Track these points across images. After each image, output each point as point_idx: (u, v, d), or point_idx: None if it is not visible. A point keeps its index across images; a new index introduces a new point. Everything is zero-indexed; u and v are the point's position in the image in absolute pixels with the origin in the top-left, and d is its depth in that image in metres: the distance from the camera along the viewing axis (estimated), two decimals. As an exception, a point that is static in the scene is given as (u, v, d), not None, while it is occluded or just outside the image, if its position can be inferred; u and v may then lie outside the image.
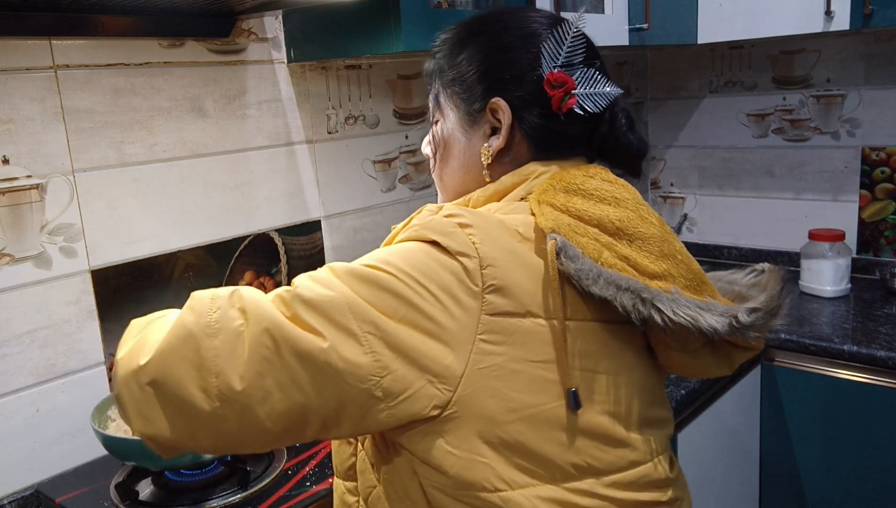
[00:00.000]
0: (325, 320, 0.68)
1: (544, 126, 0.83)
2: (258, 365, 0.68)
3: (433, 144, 0.92)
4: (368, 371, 0.68)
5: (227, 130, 1.52)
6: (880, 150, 2.13)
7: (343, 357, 0.68)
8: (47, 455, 1.31)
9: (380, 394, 0.69)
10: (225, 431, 0.70)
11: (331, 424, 0.71)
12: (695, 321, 0.72)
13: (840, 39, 2.14)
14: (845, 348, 1.71)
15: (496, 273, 0.71)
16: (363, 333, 0.68)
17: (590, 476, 0.75)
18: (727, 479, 1.84)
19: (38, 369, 1.29)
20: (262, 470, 1.23)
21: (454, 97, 0.87)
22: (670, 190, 2.59)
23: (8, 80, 1.22)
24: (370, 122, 1.80)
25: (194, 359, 0.69)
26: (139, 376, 0.71)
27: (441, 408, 0.70)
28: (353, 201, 1.79)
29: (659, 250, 0.76)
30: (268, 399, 0.68)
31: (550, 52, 0.83)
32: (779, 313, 0.76)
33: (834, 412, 1.79)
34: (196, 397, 0.68)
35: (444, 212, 0.75)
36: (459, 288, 0.70)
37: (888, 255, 2.16)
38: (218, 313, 0.70)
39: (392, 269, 0.71)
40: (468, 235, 0.72)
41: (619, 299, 0.72)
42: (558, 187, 0.78)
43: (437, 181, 0.93)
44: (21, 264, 1.25)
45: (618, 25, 1.82)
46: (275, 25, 1.58)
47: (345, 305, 0.69)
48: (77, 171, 1.31)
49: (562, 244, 0.72)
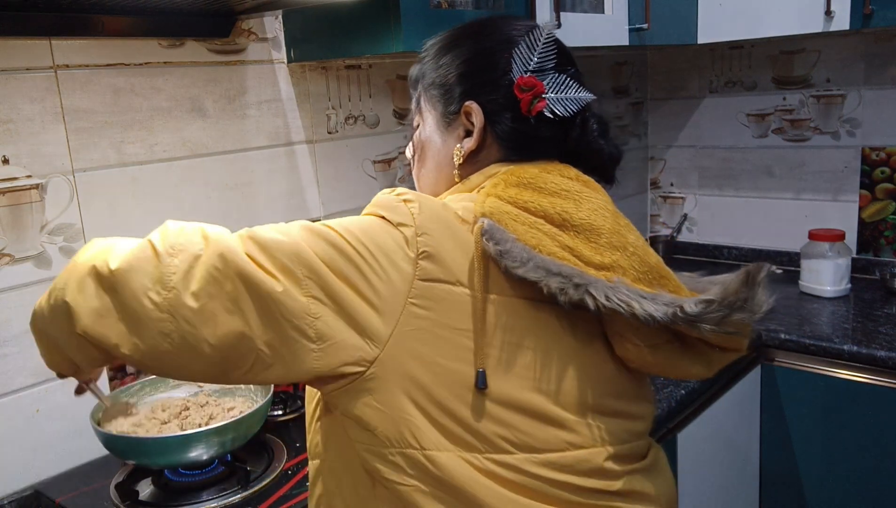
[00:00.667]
0: (272, 260, 0.74)
1: (515, 129, 0.86)
2: (209, 286, 0.74)
3: (413, 146, 0.96)
4: (304, 309, 0.73)
5: (227, 130, 1.52)
6: (880, 150, 2.13)
7: (285, 292, 0.73)
8: (47, 455, 1.31)
9: (312, 334, 0.74)
10: (167, 345, 0.76)
11: (265, 359, 0.75)
12: (629, 307, 0.74)
13: (840, 39, 2.14)
14: (845, 348, 1.71)
15: (430, 241, 0.76)
16: (303, 277, 0.74)
17: (522, 451, 0.77)
18: (727, 479, 1.84)
19: (38, 369, 1.29)
20: (262, 470, 1.23)
21: (433, 100, 0.91)
22: (670, 190, 2.59)
23: (8, 80, 1.22)
24: (370, 122, 1.80)
25: (153, 273, 0.76)
26: (103, 278, 0.78)
27: (368, 363, 0.74)
28: (353, 201, 1.79)
29: (608, 241, 0.78)
30: (213, 319, 0.74)
31: (522, 56, 0.86)
32: (745, 308, 0.74)
33: (834, 412, 1.79)
34: (148, 307, 0.75)
35: (395, 192, 0.81)
36: (399, 254, 0.75)
37: (888, 255, 2.16)
38: (183, 238, 0.78)
39: (343, 231, 0.77)
40: (409, 207, 0.78)
41: (545, 281, 0.74)
42: (510, 182, 0.81)
43: (416, 182, 0.97)
44: (21, 264, 1.25)
45: (618, 25, 1.82)
46: (275, 25, 1.58)
47: (293, 250, 0.75)
48: (77, 171, 1.31)
49: (489, 227, 0.76)
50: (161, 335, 0.75)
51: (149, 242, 0.79)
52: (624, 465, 0.82)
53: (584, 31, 1.72)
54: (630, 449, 0.84)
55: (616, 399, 0.83)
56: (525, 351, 0.77)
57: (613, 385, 0.83)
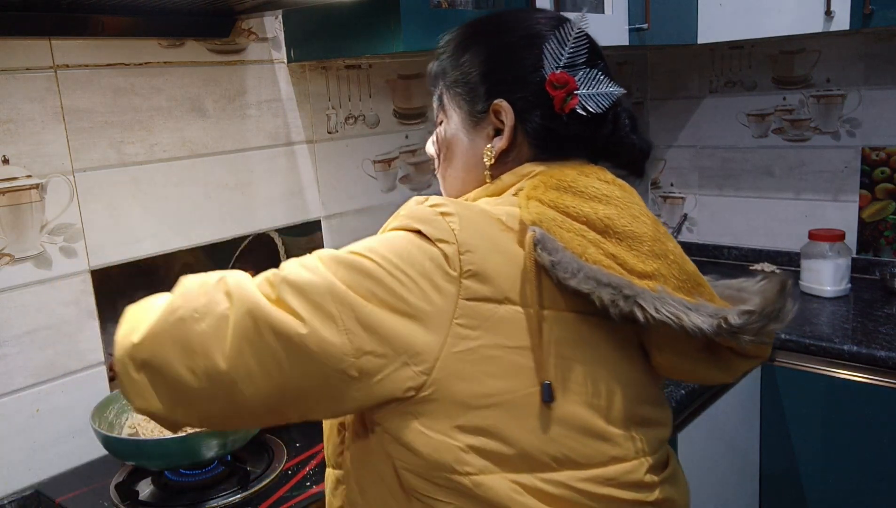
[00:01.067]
0: (305, 301, 0.71)
1: (546, 127, 0.83)
2: (241, 345, 0.71)
3: (437, 146, 0.93)
4: (344, 351, 0.70)
5: (227, 130, 1.52)
6: (880, 150, 2.13)
7: (320, 338, 0.70)
8: (47, 455, 1.31)
9: (355, 373, 0.71)
10: (214, 408, 0.74)
11: (312, 403, 0.74)
12: (678, 320, 0.73)
13: (840, 39, 2.14)
14: (845, 348, 1.71)
15: (474, 259, 0.73)
16: (339, 314, 0.71)
17: (567, 468, 0.75)
18: (727, 479, 1.84)
19: (38, 369, 1.29)
20: (262, 470, 1.23)
21: (457, 98, 0.88)
22: (670, 190, 2.59)
23: (8, 80, 1.22)
24: (370, 122, 1.80)
25: (182, 341, 0.73)
26: (134, 358, 0.75)
27: (416, 390, 0.72)
28: (353, 201, 1.79)
29: (650, 249, 0.76)
30: (251, 378, 0.72)
31: (553, 52, 0.83)
32: (779, 318, 0.75)
33: (834, 412, 1.79)
34: (185, 376, 0.73)
35: (429, 202, 0.77)
36: (438, 274, 0.72)
37: (888, 255, 2.16)
38: (205, 298, 0.74)
39: (373, 255, 0.73)
40: (448, 222, 0.74)
41: (597, 293, 0.73)
42: (549, 184, 0.79)
43: (441, 182, 0.94)
44: (21, 264, 1.25)
45: (618, 25, 1.82)
46: (275, 25, 1.58)
47: (325, 288, 0.71)
48: (77, 171, 1.31)
49: (540, 236, 0.73)
50: (206, 401, 0.74)
51: (171, 309, 0.75)
52: (658, 475, 0.81)
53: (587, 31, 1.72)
54: (660, 458, 0.83)
55: (648, 407, 0.82)
56: (576, 366, 0.75)
57: (647, 393, 0.82)
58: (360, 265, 0.73)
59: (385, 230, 0.79)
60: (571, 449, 0.75)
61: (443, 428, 0.72)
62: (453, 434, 0.72)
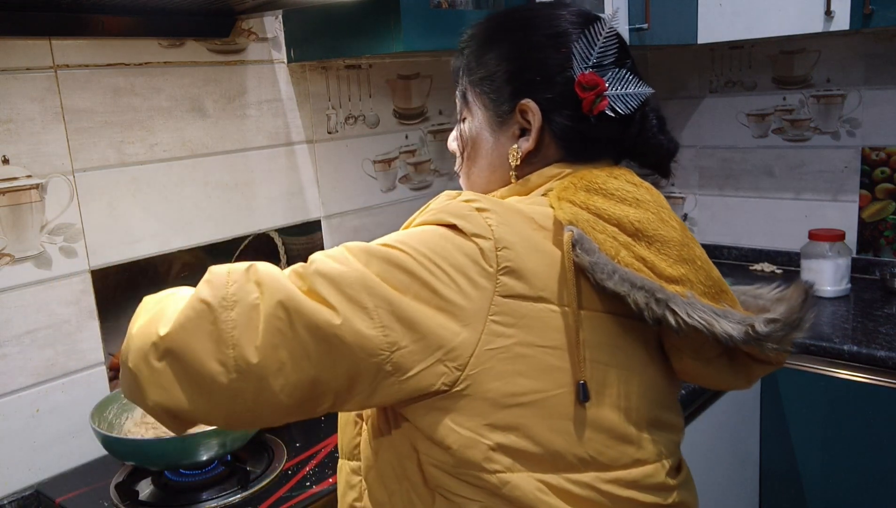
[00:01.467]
0: (339, 293, 0.69)
1: (574, 128, 0.82)
2: (272, 337, 0.69)
3: (461, 143, 0.91)
4: (378, 345, 0.69)
5: (227, 130, 1.52)
6: (880, 150, 2.13)
7: (354, 331, 0.68)
8: (47, 455, 1.31)
9: (390, 368, 0.70)
10: (241, 403, 0.71)
11: (343, 396, 0.72)
12: (709, 326, 0.72)
13: (840, 39, 2.14)
14: (845, 348, 1.71)
15: (511, 256, 0.72)
16: (374, 307, 0.69)
17: (593, 469, 0.75)
18: (727, 479, 1.84)
19: (38, 369, 1.29)
20: (262, 470, 1.23)
21: (482, 96, 0.86)
22: (670, 190, 2.59)
23: (8, 80, 1.22)
24: (370, 122, 1.80)
25: (212, 331, 0.70)
26: (157, 346, 0.71)
27: (449, 386, 0.71)
28: (353, 201, 1.79)
29: (678, 254, 0.76)
30: (282, 371, 0.69)
31: (581, 52, 0.81)
32: (800, 327, 0.76)
33: (834, 413, 1.79)
34: (214, 369, 0.69)
35: (463, 197, 0.76)
36: (474, 269, 0.71)
37: (888, 255, 2.16)
38: (235, 287, 0.71)
39: (407, 248, 0.72)
40: (485, 218, 0.73)
41: (632, 295, 0.72)
42: (579, 186, 0.78)
43: (464, 179, 0.92)
44: (21, 264, 1.25)
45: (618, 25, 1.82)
46: (275, 25, 1.58)
47: (358, 280, 0.70)
48: (77, 171, 1.31)
49: (578, 236, 0.72)
50: (233, 395, 0.70)
51: (198, 297, 0.71)
52: (675, 478, 0.81)
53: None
54: (675, 461, 0.83)
55: (669, 412, 0.82)
56: (609, 369, 0.75)
57: (666, 398, 0.82)
58: (394, 257, 0.71)
59: (412, 225, 0.78)
60: (598, 451, 0.75)
61: (473, 425, 0.72)
62: (483, 432, 0.72)
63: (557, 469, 0.74)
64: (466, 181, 0.92)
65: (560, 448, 0.73)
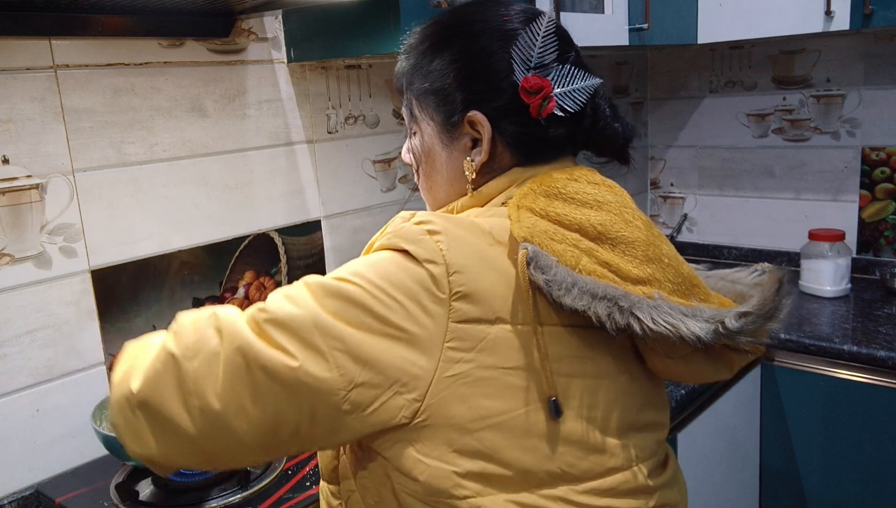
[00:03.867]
0: (293, 338, 0.70)
1: (525, 133, 0.80)
2: (232, 382, 0.70)
3: (414, 158, 0.90)
4: (335, 386, 0.69)
5: (227, 130, 1.52)
6: (880, 150, 2.13)
7: (310, 374, 0.69)
8: (47, 455, 1.31)
9: (347, 407, 0.70)
10: (213, 448, 0.73)
11: (306, 437, 0.73)
12: (675, 329, 0.71)
13: (840, 39, 2.14)
14: (845, 348, 1.71)
15: (463, 279, 0.71)
16: (329, 349, 0.69)
17: (563, 483, 0.74)
18: (727, 479, 1.84)
19: (38, 369, 1.29)
20: (262, 470, 1.23)
21: (428, 109, 0.84)
22: (670, 190, 2.59)
23: (8, 80, 1.22)
24: (370, 122, 1.80)
25: (176, 382, 0.72)
26: (130, 400, 0.74)
27: (410, 417, 0.71)
28: (353, 201, 1.79)
29: (644, 254, 0.75)
30: (243, 415, 0.71)
31: (522, 54, 0.79)
32: (774, 317, 0.74)
33: (834, 412, 1.79)
34: (181, 417, 0.72)
35: (416, 219, 0.74)
36: (426, 296, 0.70)
37: (888, 255, 2.16)
38: (196, 335, 0.73)
39: (360, 281, 0.71)
40: (436, 241, 0.71)
41: (593, 308, 0.71)
42: (538, 191, 0.77)
43: (424, 193, 0.91)
44: (21, 264, 1.25)
45: (618, 25, 1.82)
46: (275, 25, 1.58)
47: (311, 322, 0.70)
48: (77, 171, 1.31)
49: (533, 254, 0.71)
50: (202, 440, 0.72)
51: (164, 348, 0.74)
52: (656, 479, 0.80)
53: (584, 31, 1.72)
54: (658, 460, 0.82)
55: (646, 412, 0.81)
56: (573, 381, 0.74)
57: (644, 398, 0.81)
58: (346, 292, 0.71)
59: (372, 248, 0.77)
60: (569, 464, 0.74)
61: (439, 454, 0.71)
62: (450, 459, 0.71)
63: (529, 486, 0.73)
64: (426, 194, 0.90)
65: (530, 466, 0.73)
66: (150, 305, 1.41)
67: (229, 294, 1.56)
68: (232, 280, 1.56)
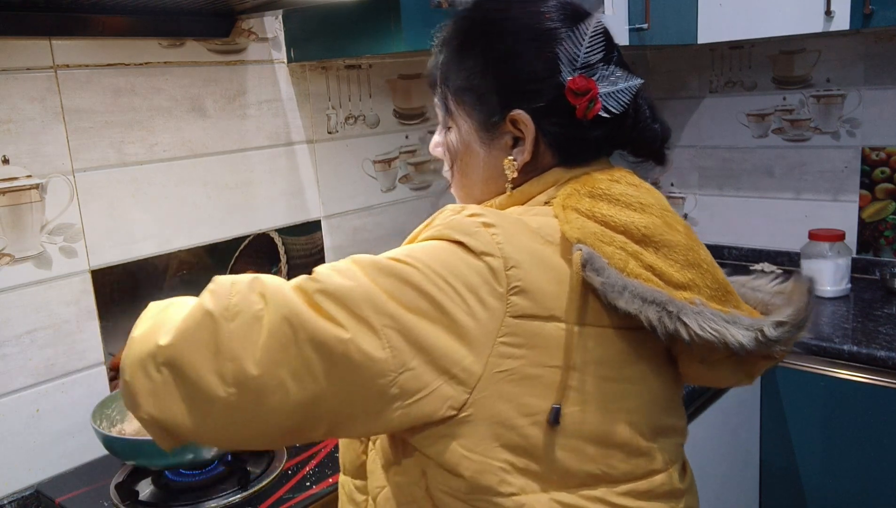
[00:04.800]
0: (345, 310, 0.66)
1: (568, 134, 0.79)
2: (275, 352, 0.66)
3: (449, 155, 0.86)
4: (386, 367, 0.66)
5: (227, 130, 1.52)
6: (880, 150, 2.13)
7: (361, 350, 0.66)
8: (47, 455, 1.31)
9: (395, 391, 0.67)
10: (237, 420, 0.68)
11: (343, 421, 0.69)
12: (721, 337, 0.71)
13: (840, 39, 2.14)
14: (845, 348, 1.71)
15: (520, 274, 0.69)
16: (382, 327, 0.66)
17: (603, 484, 0.74)
18: (727, 479, 1.84)
19: (38, 369, 1.29)
20: (262, 470, 1.23)
21: (466, 106, 0.82)
22: (670, 190, 2.59)
23: (8, 80, 1.22)
24: (370, 122, 1.80)
25: (211, 342, 0.67)
26: (156, 356, 0.69)
27: (457, 410, 0.69)
28: (353, 201, 1.79)
29: (685, 258, 0.74)
30: (282, 388, 0.66)
31: (569, 54, 0.77)
32: (806, 326, 0.75)
33: (834, 413, 1.79)
34: (212, 381, 0.67)
35: (468, 212, 0.73)
36: (485, 289, 0.68)
37: (888, 255, 2.16)
38: (237, 297, 0.69)
39: (417, 263, 0.69)
40: (492, 234, 0.70)
41: (644, 312, 0.70)
42: (582, 192, 0.76)
43: (456, 190, 0.88)
44: (21, 264, 1.25)
45: (618, 25, 1.82)
46: (275, 25, 1.58)
47: (365, 297, 0.67)
48: (77, 171, 1.31)
49: (588, 256, 0.70)
50: (229, 411, 0.67)
51: (201, 306, 0.69)
52: (682, 482, 0.81)
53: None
54: (681, 464, 0.83)
55: (672, 416, 0.81)
56: (616, 384, 0.74)
57: (671, 402, 0.81)
58: (403, 273, 0.68)
59: (415, 240, 0.75)
60: (611, 467, 0.74)
61: (484, 449, 0.70)
62: (496, 454, 0.70)
63: (569, 486, 0.73)
64: (460, 192, 0.88)
65: (570, 466, 0.72)
66: (150, 305, 1.41)
67: (229, 294, 1.55)
68: (232, 280, 1.55)
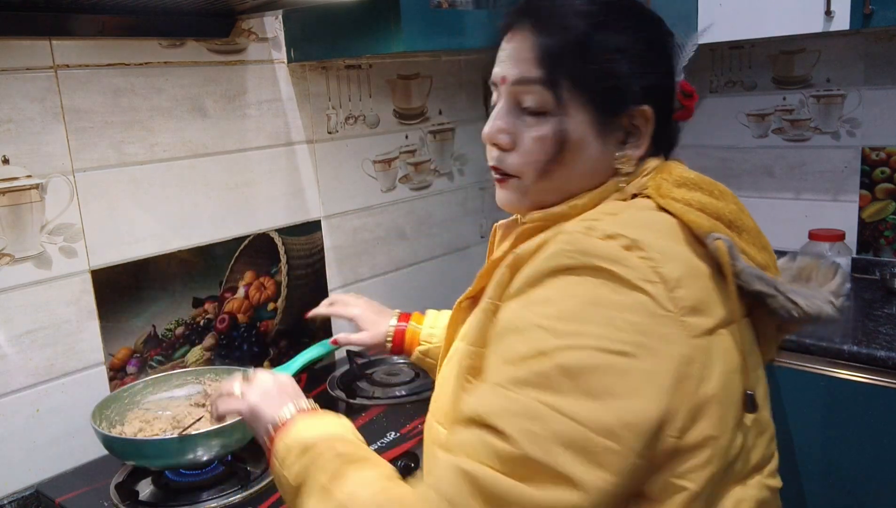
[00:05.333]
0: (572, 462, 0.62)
1: (664, 130, 0.81)
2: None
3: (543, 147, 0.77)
4: (614, 488, 0.63)
5: (227, 130, 1.52)
6: (880, 150, 2.13)
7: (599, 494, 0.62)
8: (47, 455, 1.31)
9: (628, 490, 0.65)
10: None
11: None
12: (819, 310, 0.73)
13: (840, 39, 2.14)
14: (845, 348, 1.71)
15: (682, 292, 0.65)
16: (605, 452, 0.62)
17: (755, 472, 0.75)
18: (727, 479, 1.84)
19: (38, 369, 1.29)
20: (262, 470, 1.23)
21: (588, 94, 0.75)
22: (670, 190, 2.59)
23: (8, 80, 1.22)
24: (370, 122, 1.80)
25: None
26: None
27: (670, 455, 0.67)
28: (353, 201, 1.79)
29: (758, 241, 0.77)
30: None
31: (680, 56, 0.81)
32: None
33: (834, 413, 1.79)
34: None
35: (598, 233, 0.67)
36: (652, 323, 0.64)
37: (888, 255, 2.16)
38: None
39: (581, 342, 0.63)
40: (640, 257, 0.65)
41: (769, 292, 0.72)
42: (670, 181, 0.75)
43: (541, 183, 0.79)
44: (21, 264, 1.25)
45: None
46: (275, 25, 1.58)
47: (579, 438, 0.61)
48: (77, 171, 1.31)
49: (729, 244, 0.69)
50: None
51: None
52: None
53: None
54: None
55: None
56: (756, 370, 0.76)
57: None
58: (581, 368, 0.62)
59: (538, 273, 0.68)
60: (763, 457, 0.76)
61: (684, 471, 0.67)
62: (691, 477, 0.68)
63: (739, 479, 0.73)
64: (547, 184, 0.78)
65: (744, 455, 0.73)
66: (149, 305, 1.41)
67: (229, 294, 1.56)
68: (232, 280, 1.56)
